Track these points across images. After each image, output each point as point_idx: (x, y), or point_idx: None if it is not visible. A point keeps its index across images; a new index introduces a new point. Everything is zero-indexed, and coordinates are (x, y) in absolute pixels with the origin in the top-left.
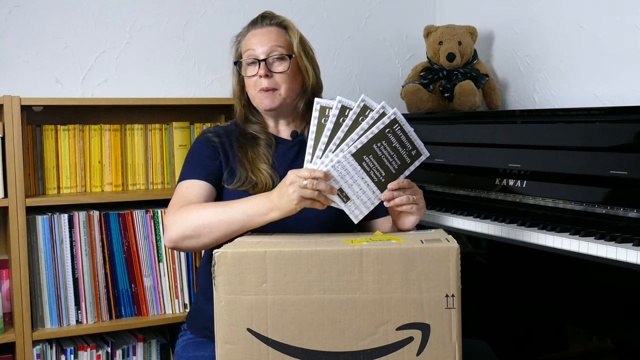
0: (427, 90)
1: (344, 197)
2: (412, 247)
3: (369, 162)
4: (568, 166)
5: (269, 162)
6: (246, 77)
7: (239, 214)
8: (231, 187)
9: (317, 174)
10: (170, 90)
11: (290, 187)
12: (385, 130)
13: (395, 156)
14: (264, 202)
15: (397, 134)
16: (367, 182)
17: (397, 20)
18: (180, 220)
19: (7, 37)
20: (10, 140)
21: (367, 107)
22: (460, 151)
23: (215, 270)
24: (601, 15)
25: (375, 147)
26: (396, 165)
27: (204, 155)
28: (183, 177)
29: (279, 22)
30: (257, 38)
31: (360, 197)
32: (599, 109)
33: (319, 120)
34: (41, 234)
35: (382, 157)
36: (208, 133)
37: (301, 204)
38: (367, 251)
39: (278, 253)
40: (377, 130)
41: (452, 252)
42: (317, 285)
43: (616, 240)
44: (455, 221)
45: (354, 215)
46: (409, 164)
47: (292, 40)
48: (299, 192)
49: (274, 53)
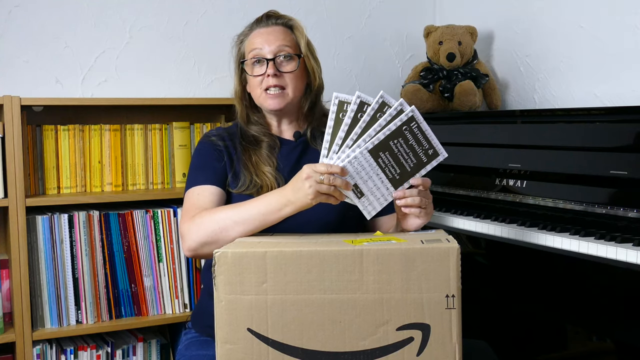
0: (427, 90)
1: (358, 193)
2: (413, 247)
3: (385, 158)
4: (568, 166)
5: (273, 164)
6: (251, 77)
7: (253, 214)
8: (235, 190)
9: (334, 169)
10: (170, 90)
11: (306, 181)
12: (402, 128)
13: (412, 154)
14: (278, 199)
15: (414, 131)
16: (382, 179)
17: (397, 20)
18: (195, 229)
19: (7, 37)
20: (10, 140)
21: (385, 103)
22: (460, 151)
23: (215, 270)
24: (601, 15)
25: (391, 143)
26: (412, 163)
27: (210, 158)
28: (192, 183)
29: (285, 22)
30: (263, 37)
31: (374, 193)
32: (599, 109)
33: (336, 114)
34: (41, 234)
35: (398, 154)
36: (212, 136)
37: (317, 199)
38: (367, 251)
39: (278, 253)
40: (395, 127)
41: (452, 253)
42: (317, 285)
43: (616, 240)
44: (455, 221)
45: (367, 211)
46: (425, 163)
47: (300, 41)
48: (316, 187)
49: (281, 52)
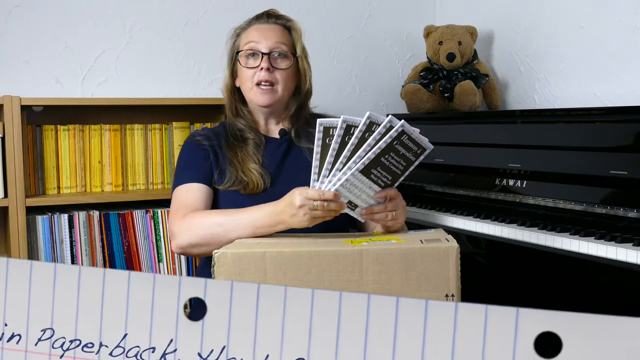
0: (427, 90)
1: (352, 206)
2: (412, 247)
3: (377, 173)
4: (568, 166)
5: (259, 161)
6: (244, 69)
7: (246, 225)
8: (221, 187)
9: (327, 195)
10: (170, 90)
11: (300, 210)
12: (393, 143)
13: (402, 160)
14: (272, 217)
15: (405, 143)
16: (374, 189)
17: (397, 20)
18: (186, 229)
19: (7, 37)
20: (10, 140)
21: (373, 122)
22: (460, 151)
23: (215, 270)
24: (601, 15)
25: (383, 159)
26: (402, 167)
27: (196, 157)
28: (180, 181)
29: (284, 22)
30: (261, 32)
31: (367, 201)
32: (599, 109)
33: (323, 140)
34: (41, 234)
35: (390, 166)
36: (197, 136)
37: (312, 223)
38: (367, 251)
39: (278, 253)
40: (385, 144)
41: (452, 252)
42: (317, 286)
43: (616, 240)
44: (455, 221)
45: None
46: (413, 161)
47: (296, 42)
48: (310, 215)
49: (277, 49)
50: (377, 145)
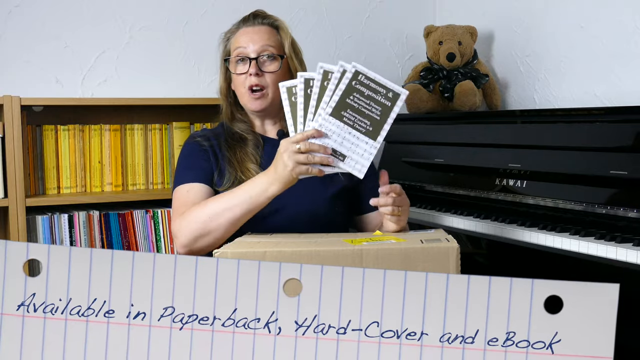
0: (427, 90)
1: (339, 156)
2: (412, 247)
3: (350, 115)
4: (568, 166)
5: (257, 162)
6: (235, 75)
7: (241, 198)
8: (221, 188)
9: (309, 132)
10: (170, 90)
11: (284, 154)
12: (352, 83)
13: (373, 102)
14: (262, 179)
15: (364, 83)
16: (356, 135)
17: (397, 20)
18: (186, 224)
19: (7, 37)
20: (10, 140)
21: (327, 71)
22: (460, 151)
23: None
24: (601, 15)
25: (349, 100)
26: (378, 111)
27: (196, 158)
28: (180, 182)
29: (271, 22)
30: (248, 36)
31: (355, 150)
32: (599, 109)
33: (289, 100)
34: (41, 234)
35: (360, 108)
36: (197, 137)
37: (297, 170)
38: (367, 251)
39: (278, 253)
40: (344, 85)
41: (452, 252)
42: None
43: (616, 240)
44: (455, 221)
45: (357, 170)
46: (390, 107)
47: (284, 41)
48: (294, 158)
49: (265, 52)
50: (338, 88)
